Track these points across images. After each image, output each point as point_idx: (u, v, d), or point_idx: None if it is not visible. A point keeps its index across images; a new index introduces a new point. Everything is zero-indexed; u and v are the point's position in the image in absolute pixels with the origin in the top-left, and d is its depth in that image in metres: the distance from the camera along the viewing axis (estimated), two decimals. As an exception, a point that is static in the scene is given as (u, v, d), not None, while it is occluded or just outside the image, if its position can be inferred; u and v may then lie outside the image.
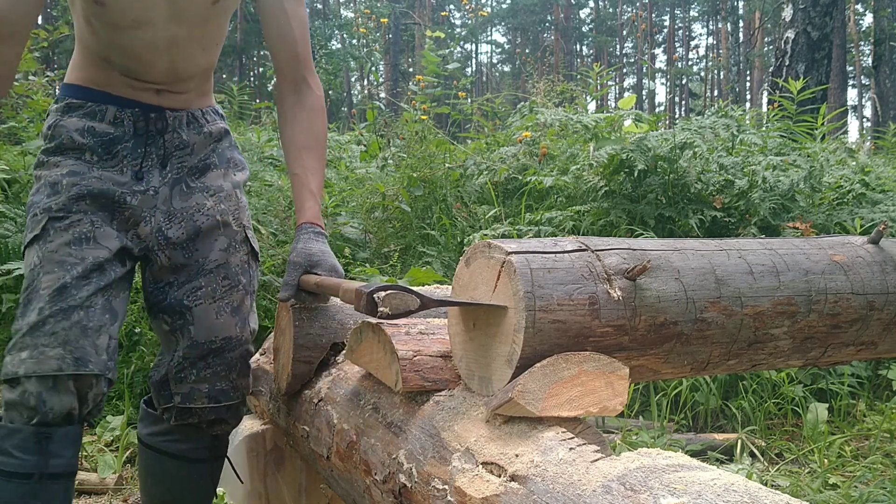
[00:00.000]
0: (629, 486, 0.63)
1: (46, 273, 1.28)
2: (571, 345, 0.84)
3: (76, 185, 1.36)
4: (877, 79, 14.99)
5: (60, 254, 1.29)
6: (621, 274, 0.89)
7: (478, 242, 0.91)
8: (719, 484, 0.59)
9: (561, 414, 0.80)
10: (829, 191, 3.66)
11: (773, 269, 1.03)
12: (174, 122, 1.46)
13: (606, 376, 0.83)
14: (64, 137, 1.40)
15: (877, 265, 1.13)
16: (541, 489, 0.69)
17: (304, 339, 1.34)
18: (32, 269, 1.30)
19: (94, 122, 1.41)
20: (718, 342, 0.98)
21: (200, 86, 1.51)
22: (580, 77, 5.37)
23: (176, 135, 1.46)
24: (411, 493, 0.89)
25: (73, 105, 1.43)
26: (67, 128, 1.40)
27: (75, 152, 1.40)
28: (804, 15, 6.74)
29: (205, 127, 1.51)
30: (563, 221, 3.36)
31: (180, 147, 1.47)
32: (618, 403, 0.83)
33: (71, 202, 1.34)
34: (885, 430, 2.64)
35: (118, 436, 2.58)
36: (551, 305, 0.83)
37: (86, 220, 1.34)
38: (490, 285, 0.87)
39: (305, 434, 1.30)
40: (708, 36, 38.10)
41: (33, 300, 1.27)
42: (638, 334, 0.89)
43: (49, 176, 1.38)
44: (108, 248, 1.34)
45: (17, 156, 4.23)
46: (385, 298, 0.86)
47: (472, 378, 0.91)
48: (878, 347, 1.17)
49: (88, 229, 1.34)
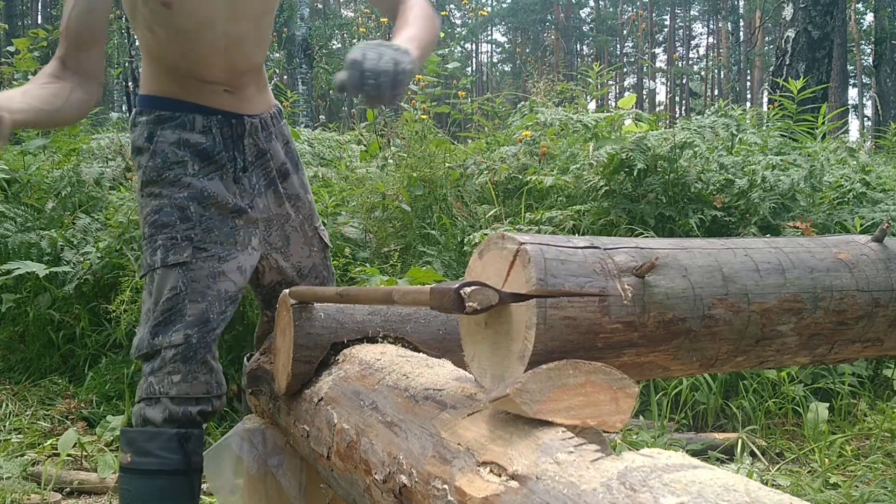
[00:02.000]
0: (629, 486, 0.63)
1: (192, 301, 1.44)
2: (582, 341, 0.85)
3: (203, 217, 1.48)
4: (877, 78, 14.99)
5: (202, 285, 1.45)
6: (630, 271, 0.90)
7: (492, 234, 0.91)
8: (719, 483, 0.59)
9: (556, 420, 0.79)
10: (830, 190, 3.66)
11: (778, 266, 1.04)
12: (251, 129, 1.56)
13: (614, 391, 0.82)
14: (168, 152, 1.49)
15: (881, 263, 1.14)
16: (541, 489, 0.69)
17: (304, 338, 1.34)
18: (177, 293, 1.44)
19: (186, 133, 1.50)
20: (726, 339, 0.99)
21: (257, 82, 1.59)
22: (580, 77, 5.36)
23: (253, 140, 1.56)
24: (411, 493, 0.89)
25: (163, 117, 1.51)
26: (166, 141, 1.49)
27: (179, 165, 1.49)
28: (805, 14, 6.73)
29: (273, 130, 1.61)
30: (563, 221, 3.36)
31: (260, 155, 1.58)
32: (619, 421, 0.82)
33: (205, 234, 1.48)
34: (886, 429, 2.64)
35: (118, 436, 2.58)
36: (562, 302, 0.83)
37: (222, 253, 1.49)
38: (501, 276, 0.88)
39: (305, 434, 1.30)
40: (708, 35, 38.09)
41: (177, 321, 1.43)
42: (647, 331, 0.90)
43: (174, 197, 1.48)
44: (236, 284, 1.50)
45: (16, 156, 4.23)
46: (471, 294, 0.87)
47: (484, 376, 0.92)
48: (884, 344, 1.18)
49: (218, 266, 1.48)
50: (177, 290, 1.44)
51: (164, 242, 1.46)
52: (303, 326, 1.34)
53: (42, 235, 3.39)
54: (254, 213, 1.55)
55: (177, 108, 1.51)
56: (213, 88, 1.51)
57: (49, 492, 2.26)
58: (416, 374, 1.08)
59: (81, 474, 2.40)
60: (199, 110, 1.50)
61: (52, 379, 3.13)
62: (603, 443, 0.78)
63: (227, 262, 1.48)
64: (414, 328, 1.42)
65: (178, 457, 1.39)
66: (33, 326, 3.25)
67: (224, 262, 1.48)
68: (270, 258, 1.59)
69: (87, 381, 2.97)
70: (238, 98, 1.54)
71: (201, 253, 1.46)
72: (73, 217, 3.58)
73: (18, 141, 4.82)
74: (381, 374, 1.15)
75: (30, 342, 3.28)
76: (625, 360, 0.91)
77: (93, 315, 3.22)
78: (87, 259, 3.14)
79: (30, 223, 3.59)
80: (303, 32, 11.13)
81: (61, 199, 3.73)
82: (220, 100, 1.52)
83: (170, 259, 1.45)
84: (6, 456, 2.47)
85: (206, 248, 1.47)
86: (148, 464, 1.38)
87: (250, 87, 1.56)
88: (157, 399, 1.41)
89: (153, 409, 1.41)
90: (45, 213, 3.70)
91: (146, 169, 1.49)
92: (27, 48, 5.00)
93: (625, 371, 0.92)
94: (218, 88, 1.51)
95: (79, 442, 2.52)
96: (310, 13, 11.79)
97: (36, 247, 3.35)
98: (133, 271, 2.91)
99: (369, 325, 1.40)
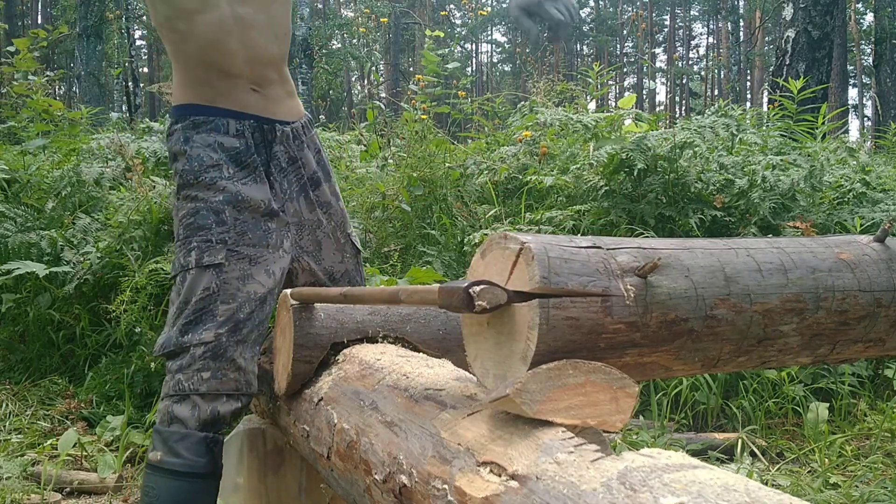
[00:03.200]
0: (629, 486, 0.63)
1: (223, 303, 1.48)
2: (585, 341, 0.85)
3: (238, 220, 1.53)
4: (877, 78, 14.98)
5: (233, 287, 1.50)
6: (632, 271, 0.90)
7: (494, 234, 0.91)
8: (719, 483, 0.59)
9: (556, 420, 0.79)
10: (830, 190, 3.66)
11: (780, 266, 1.04)
12: (282, 137, 1.61)
13: (613, 391, 0.82)
14: (204, 155, 1.54)
15: (883, 263, 1.14)
16: (541, 489, 0.69)
17: (304, 338, 1.34)
18: (210, 293, 1.48)
19: (220, 137, 1.55)
20: (729, 339, 1.00)
21: (283, 83, 1.64)
22: (580, 77, 5.36)
23: (284, 147, 1.61)
24: (411, 493, 0.89)
25: (197, 122, 1.56)
26: (201, 144, 1.54)
27: (215, 169, 1.54)
28: (805, 14, 6.73)
29: (305, 139, 1.66)
30: (563, 221, 3.36)
31: (292, 162, 1.63)
32: (619, 420, 0.82)
33: (238, 237, 1.52)
34: (886, 429, 2.64)
35: (118, 436, 2.58)
36: (564, 302, 0.83)
37: (252, 255, 1.53)
38: (504, 275, 0.88)
39: (305, 434, 1.30)
40: (708, 35, 38.08)
41: (207, 321, 1.47)
42: (650, 331, 0.90)
43: (210, 201, 1.53)
44: (264, 286, 1.54)
45: (16, 156, 4.24)
46: (480, 293, 0.87)
47: (486, 376, 0.92)
48: (885, 344, 1.18)
49: (248, 268, 1.53)
50: (209, 290, 1.48)
51: (199, 244, 1.50)
52: (303, 326, 1.34)
53: (42, 235, 3.39)
54: (285, 217, 1.60)
55: (210, 113, 1.56)
56: (240, 85, 1.56)
57: (49, 492, 2.26)
58: (416, 374, 1.08)
59: (81, 474, 2.40)
60: (231, 115, 1.56)
61: (52, 379, 3.13)
62: (603, 443, 0.78)
63: (258, 264, 1.53)
64: (414, 328, 1.42)
65: (205, 460, 1.41)
66: (33, 326, 3.25)
67: (254, 265, 1.52)
68: (302, 261, 1.64)
69: (87, 381, 2.97)
70: (266, 99, 1.59)
71: (233, 255, 1.51)
72: (73, 217, 3.58)
73: (18, 141, 4.82)
74: (381, 374, 1.15)
75: (30, 342, 3.28)
76: (627, 360, 0.91)
77: (93, 315, 3.21)
78: (87, 259, 3.14)
79: (30, 223, 3.59)
80: (303, 32, 11.12)
81: (61, 199, 3.72)
82: (250, 100, 1.57)
83: (204, 260, 1.49)
84: (6, 456, 2.47)
85: (238, 250, 1.51)
86: (176, 464, 1.40)
87: (276, 87, 1.61)
88: (187, 396, 1.43)
89: (182, 406, 1.42)
90: (45, 213, 3.70)
91: (182, 173, 1.54)
92: (27, 48, 5.00)
93: (627, 371, 0.91)
94: (245, 85, 1.57)
95: (79, 442, 2.52)
96: (310, 13, 11.79)
97: (36, 247, 3.35)
98: (133, 271, 2.91)
99: (369, 325, 1.40)
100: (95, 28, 10.93)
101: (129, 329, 2.89)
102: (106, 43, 12.50)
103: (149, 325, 2.85)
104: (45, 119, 4.85)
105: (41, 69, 5.63)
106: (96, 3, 10.99)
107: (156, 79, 23.81)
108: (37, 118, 4.82)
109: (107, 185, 3.69)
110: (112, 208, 3.33)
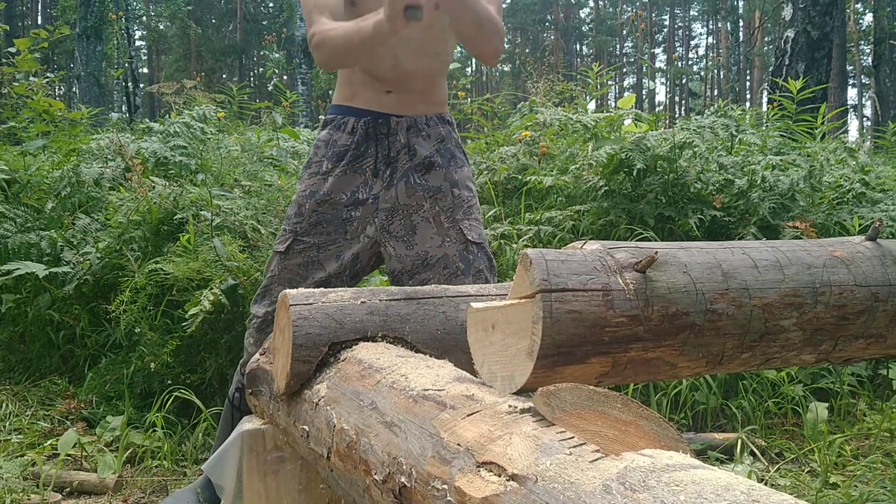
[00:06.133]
0: (629, 486, 0.63)
1: (280, 284, 1.70)
2: (589, 335, 0.86)
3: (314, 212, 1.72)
4: (877, 78, 14.99)
5: (292, 272, 1.72)
6: (630, 267, 0.92)
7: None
8: (719, 483, 0.59)
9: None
10: (829, 190, 3.66)
11: (776, 263, 1.06)
12: (396, 127, 1.71)
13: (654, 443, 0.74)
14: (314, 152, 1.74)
15: (877, 259, 1.17)
16: (541, 489, 0.69)
17: (303, 338, 1.34)
18: (273, 275, 1.74)
19: (337, 134, 1.72)
20: (731, 333, 1.01)
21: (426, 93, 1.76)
22: (580, 77, 5.36)
23: (397, 138, 1.71)
24: (411, 493, 0.89)
25: (328, 120, 1.77)
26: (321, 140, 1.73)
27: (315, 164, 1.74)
28: (804, 14, 6.73)
29: (424, 131, 1.75)
30: (562, 221, 3.36)
31: (402, 150, 1.72)
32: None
33: (310, 227, 1.71)
34: (886, 429, 2.64)
35: (118, 436, 2.58)
36: (566, 296, 0.85)
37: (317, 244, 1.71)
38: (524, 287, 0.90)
39: (305, 434, 1.30)
40: (708, 35, 38.09)
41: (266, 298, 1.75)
42: (652, 324, 0.92)
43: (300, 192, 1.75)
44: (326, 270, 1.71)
45: (16, 156, 4.24)
46: None
47: (494, 380, 0.93)
48: (886, 341, 1.19)
49: (315, 255, 1.71)
50: (274, 273, 1.73)
51: (281, 230, 1.75)
52: (302, 326, 1.34)
53: (42, 236, 3.38)
54: (374, 204, 1.71)
55: (340, 111, 1.74)
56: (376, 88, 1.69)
57: (49, 492, 2.26)
58: (416, 375, 1.09)
59: (81, 474, 2.40)
60: (355, 112, 1.71)
61: (51, 379, 3.13)
62: (602, 443, 0.78)
63: (326, 250, 1.70)
64: (413, 328, 1.42)
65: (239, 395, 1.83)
66: (33, 327, 3.25)
67: (321, 252, 1.70)
68: (388, 245, 1.72)
69: (86, 382, 2.97)
70: (396, 101, 1.71)
71: (298, 245, 1.71)
72: (72, 217, 3.58)
73: (18, 141, 4.82)
74: (381, 374, 1.15)
75: (30, 342, 3.28)
76: (632, 355, 0.91)
77: (92, 315, 3.21)
78: (86, 259, 3.14)
79: (30, 223, 3.59)
80: (303, 33, 11.13)
81: (61, 199, 3.72)
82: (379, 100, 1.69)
83: (277, 246, 1.74)
84: (6, 456, 2.47)
85: (304, 239, 1.71)
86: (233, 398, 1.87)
87: (415, 93, 1.73)
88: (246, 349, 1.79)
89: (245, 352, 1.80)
90: (44, 214, 3.70)
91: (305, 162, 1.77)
92: (28, 49, 5.00)
93: (633, 369, 0.92)
94: (381, 88, 1.70)
95: (79, 442, 2.52)
96: (309, 13, 11.78)
97: (36, 247, 3.35)
98: (133, 272, 2.91)
99: (368, 325, 1.40)
100: (95, 29, 10.94)
101: (129, 329, 2.89)
102: (106, 43, 12.49)
103: (148, 326, 2.85)
104: (46, 119, 4.85)
105: (41, 69, 5.63)
106: (96, 4, 11.00)
107: (156, 79, 23.80)
108: (37, 119, 4.82)
109: (106, 185, 3.69)
110: (112, 209, 3.33)
